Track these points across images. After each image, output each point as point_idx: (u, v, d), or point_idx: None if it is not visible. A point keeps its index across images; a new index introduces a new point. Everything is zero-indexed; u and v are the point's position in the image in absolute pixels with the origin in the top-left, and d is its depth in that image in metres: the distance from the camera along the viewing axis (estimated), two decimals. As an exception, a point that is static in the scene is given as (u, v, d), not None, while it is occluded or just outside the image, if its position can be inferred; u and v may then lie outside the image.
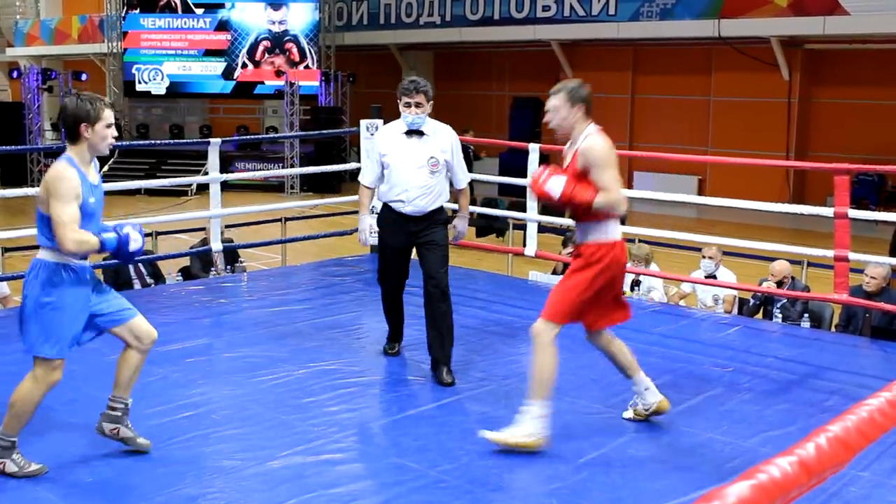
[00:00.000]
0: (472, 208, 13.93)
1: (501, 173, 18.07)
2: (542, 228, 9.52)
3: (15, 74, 27.14)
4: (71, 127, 3.97)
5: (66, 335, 3.96)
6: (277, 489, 3.97)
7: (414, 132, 5.62)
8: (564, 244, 8.88)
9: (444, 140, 5.68)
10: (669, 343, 6.55)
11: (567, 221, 10.39)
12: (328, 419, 4.80)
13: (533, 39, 22.83)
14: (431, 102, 5.62)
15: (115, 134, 4.13)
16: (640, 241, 8.94)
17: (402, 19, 25.38)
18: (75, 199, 3.87)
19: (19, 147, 23.41)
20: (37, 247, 4.06)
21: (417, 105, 5.55)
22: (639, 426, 4.82)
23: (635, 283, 8.63)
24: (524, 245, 8.66)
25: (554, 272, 8.90)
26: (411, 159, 5.61)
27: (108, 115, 4.03)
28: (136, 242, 3.98)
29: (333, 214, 13.21)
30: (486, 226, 15.43)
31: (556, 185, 4.34)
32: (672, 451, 4.54)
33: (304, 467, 4.20)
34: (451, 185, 5.86)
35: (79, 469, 4.13)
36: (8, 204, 19.88)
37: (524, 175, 8.34)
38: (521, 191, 8.99)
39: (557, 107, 4.55)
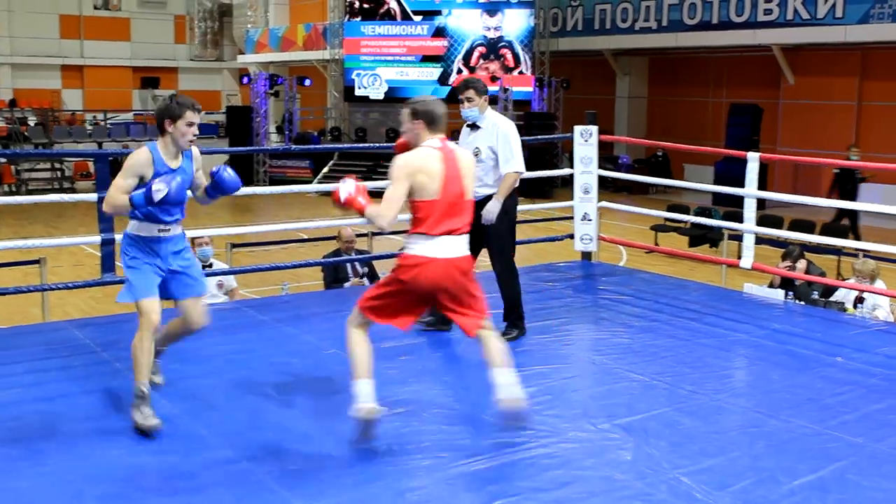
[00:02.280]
0: (686, 217, 13.73)
1: (716, 182, 17.65)
2: (760, 240, 9.22)
3: (245, 80, 28.67)
4: (159, 122, 4.63)
5: (139, 285, 4.62)
6: (483, 490, 4.03)
7: (472, 125, 6.29)
8: (784, 257, 8.56)
9: (493, 131, 6.20)
10: (894, 364, 6.21)
11: (787, 234, 10.05)
12: (535, 423, 4.82)
13: (753, 44, 22.13)
14: (485, 97, 6.20)
15: (196, 132, 4.67)
16: (864, 255, 8.53)
17: (618, 24, 25.16)
18: (133, 175, 4.56)
19: (248, 148, 24.75)
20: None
21: (468, 100, 6.18)
22: (858, 450, 4.59)
23: (859, 301, 8.23)
24: (739, 256, 8.42)
25: (771, 285, 8.60)
26: (467, 149, 5.85)
27: (190, 116, 4.59)
28: (159, 192, 4.46)
29: (545, 220, 13.23)
30: (699, 235, 15.09)
31: (345, 188, 4.37)
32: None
33: (510, 469, 4.24)
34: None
35: (291, 457, 4.33)
36: (235, 202, 21.02)
37: (741, 184, 8.12)
38: (737, 201, 8.73)
39: (403, 121, 4.69)
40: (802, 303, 8.14)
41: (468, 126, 6.35)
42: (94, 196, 6.90)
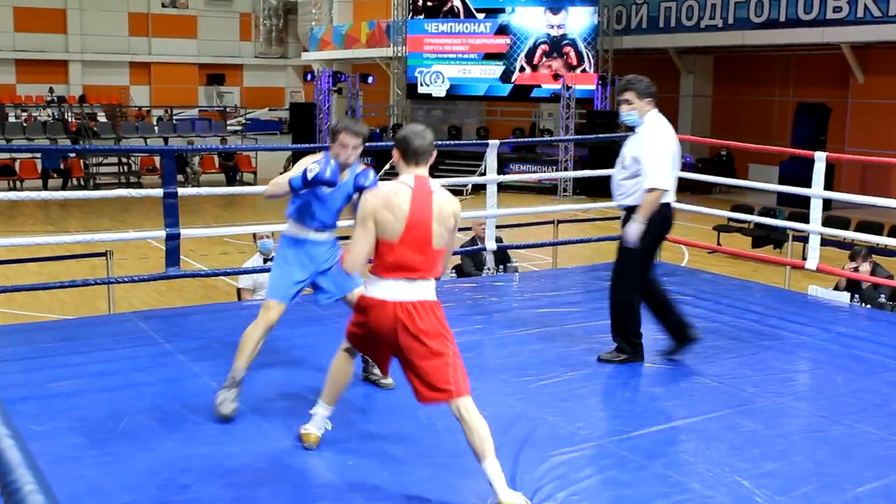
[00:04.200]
0: (749, 217, 13.54)
1: (781, 182, 17.37)
2: (825, 241, 9.07)
3: (309, 77, 28.89)
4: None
5: (274, 285, 4.91)
6: (541, 489, 4.02)
7: (631, 129, 5.83)
8: (852, 258, 8.40)
9: (641, 140, 5.70)
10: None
11: (854, 235, 9.87)
12: (594, 423, 4.80)
13: (821, 42, 21.75)
14: (648, 99, 5.71)
15: (346, 154, 4.81)
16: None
17: (683, 22, 24.89)
18: (300, 169, 4.75)
19: (311, 145, 24.89)
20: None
21: (626, 102, 5.76)
22: (926, 457, 4.50)
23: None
24: (804, 258, 8.28)
25: (836, 287, 8.45)
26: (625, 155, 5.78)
27: (342, 139, 4.79)
28: (312, 171, 4.63)
29: (606, 219, 13.14)
30: (763, 236, 14.88)
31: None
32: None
33: (567, 469, 4.22)
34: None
35: (350, 453, 4.35)
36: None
37: (807, 184, 7.99)
38: (802, 201, 8.60)
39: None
40: (869, 306, 7.99)
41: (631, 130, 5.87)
42: (159, 191, 7.00)
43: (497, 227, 9.25)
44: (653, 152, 5.62)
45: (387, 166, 25.61)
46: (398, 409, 4.90)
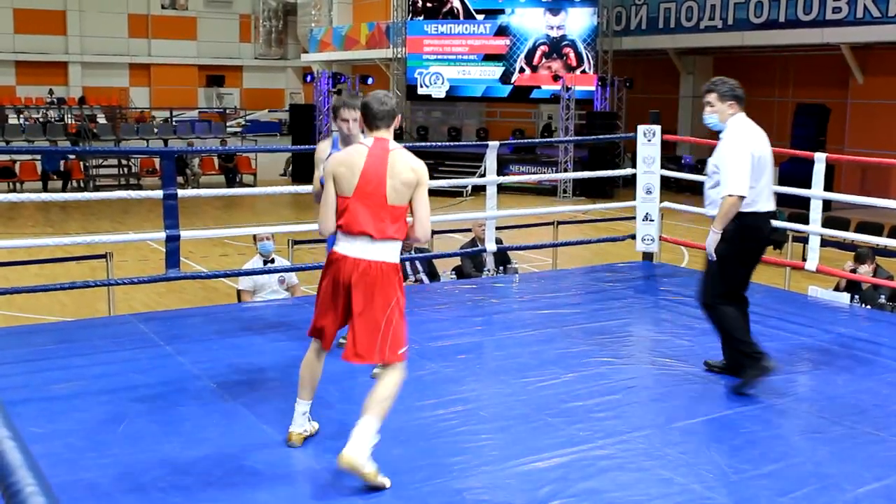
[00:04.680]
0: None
1: (781, 183, 17.33)
2: (825, 242, 9.07)
3: (308, 78, 28.88)
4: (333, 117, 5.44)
5: None
6: (540, 490, 4.02)
7: (717, 134, 5.54)
8: (860, 260, 8.38)
9: (720, 144, 5.42)
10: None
11: (854, 236, 9.87)
12: (594, 424, 4.80)
13: (821, 43, 21.74)
14: (731, 102, 5.40)
15: (349, 126, 5.27)
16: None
17: (682, 23, 24.89)
18: (319, 164, 5.34)
19: (310, 146, 24.89)
20: (324, 241, 4.86)
21: (708, 105, 5.47)
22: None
23: None
24: (804, 259, 8.28)
25: (836, 288, 8.45)
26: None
27: (343, 114, 5.29)
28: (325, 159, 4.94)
29: (606, 220, 13.17)
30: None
31: None
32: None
33: (567, 470, 4.22)
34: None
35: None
36: (297, 200, 21.20)
37: (807, 185, 7.99)
38: (802, 202, 8.59)
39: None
40: (869, 307, 7.99)
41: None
42: (159, 193, 7.00)
43: (497, 228, 9.25)
44: (729, 157, 5.29)
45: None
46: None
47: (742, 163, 5.26)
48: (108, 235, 11.70)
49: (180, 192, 7.19)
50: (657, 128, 8.73)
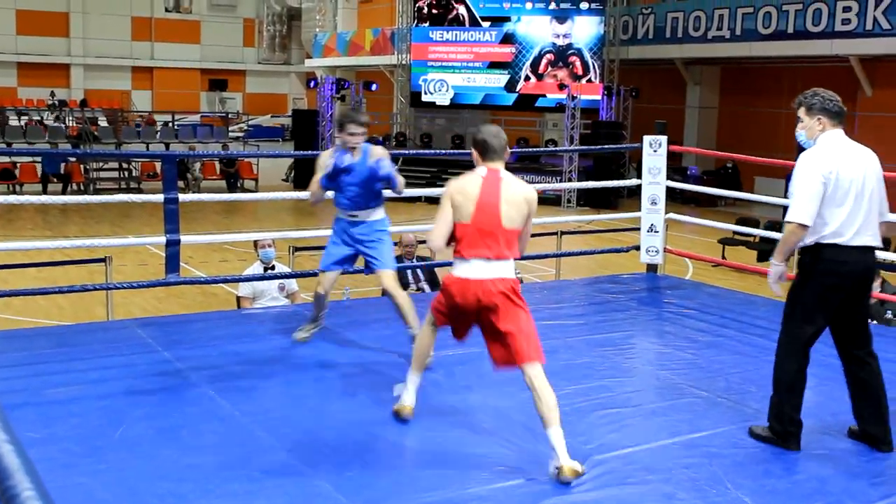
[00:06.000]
0: (755, 231, 13.48)
1: (788, 196, 17.31)
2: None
3: (312, 84, 28.87)
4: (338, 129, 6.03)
5: (324, 258, 6.03)
6: (543, 503, 3.96)
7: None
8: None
9: (796, 165, 4.81)
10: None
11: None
12: (596, 438, 4.74)
13: (829, 55, 21.70)
14: (819, 117, 4.82)
15: (355, 140, 5.86)
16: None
17: (690, 33, 24.86)
18: (321, 169, 5.85)
19: (313, 152, 24.87)
20: (321, 247, 5.83)
21: (798, 120, 4.93)
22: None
23: None
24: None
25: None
26: None
27: (350, 129, 5.83)
28: (329, 168, 5.79)
29: (610, 231, 13.10)
30: (769, 250, 14.79)
31: None
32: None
33: (567, 485, 4.15)
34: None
35: (349, 463, 4.29)
36: (299, 206, 21.17)
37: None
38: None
39: None
40: (875, 322, 7.93)
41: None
42: (160, 197, 6.95)
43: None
44: (795, 180, 4.73)
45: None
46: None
47: (807, 187, 4.66)
48: (108, 239, 11.68)
49: (181, 197, 7.15)
50: (663, 138, 8.67)
